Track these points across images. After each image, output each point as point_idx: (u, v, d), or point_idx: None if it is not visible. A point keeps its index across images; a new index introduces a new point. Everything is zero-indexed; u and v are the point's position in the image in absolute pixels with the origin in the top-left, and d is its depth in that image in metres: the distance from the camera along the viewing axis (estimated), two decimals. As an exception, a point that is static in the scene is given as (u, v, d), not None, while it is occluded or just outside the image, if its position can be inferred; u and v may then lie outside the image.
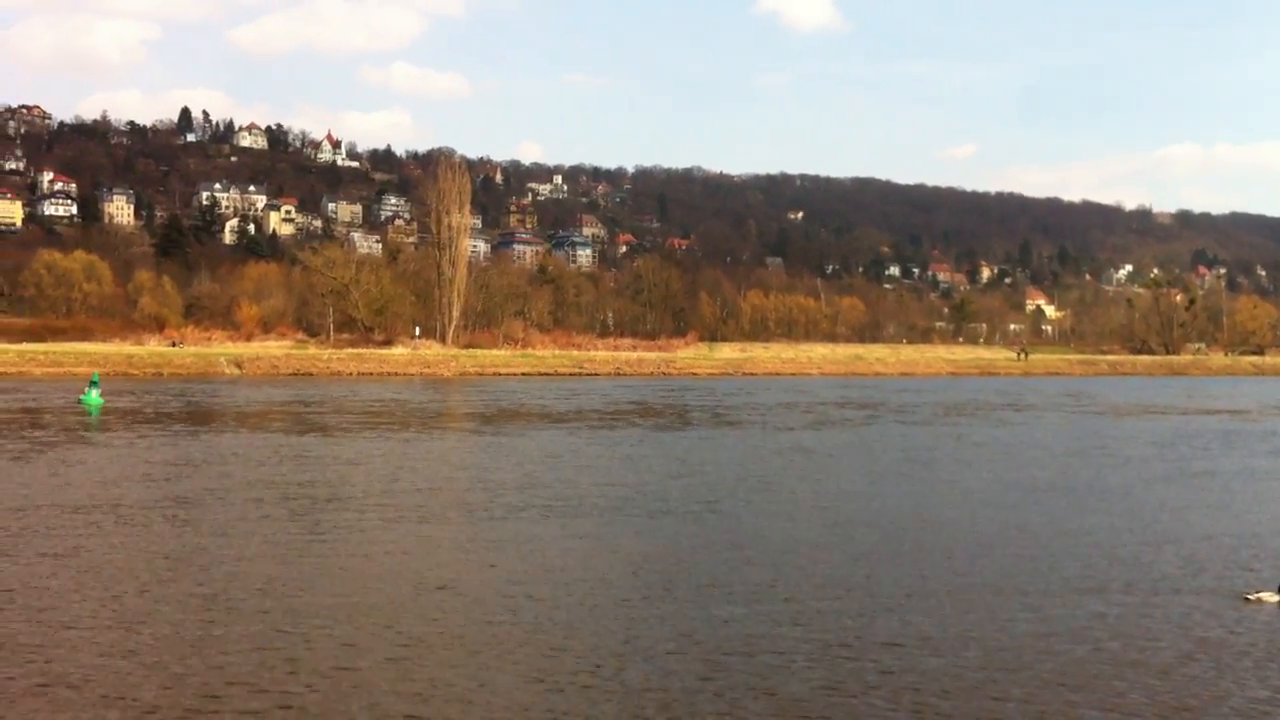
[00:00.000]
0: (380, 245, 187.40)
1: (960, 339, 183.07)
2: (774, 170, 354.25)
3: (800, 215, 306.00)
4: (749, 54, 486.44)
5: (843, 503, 22.67)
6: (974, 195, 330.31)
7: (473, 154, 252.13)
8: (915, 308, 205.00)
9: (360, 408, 49.26)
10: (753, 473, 27.55)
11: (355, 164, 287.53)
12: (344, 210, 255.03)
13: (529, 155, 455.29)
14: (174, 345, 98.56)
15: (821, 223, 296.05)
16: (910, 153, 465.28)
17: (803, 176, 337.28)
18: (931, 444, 36.65)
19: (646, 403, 56.47)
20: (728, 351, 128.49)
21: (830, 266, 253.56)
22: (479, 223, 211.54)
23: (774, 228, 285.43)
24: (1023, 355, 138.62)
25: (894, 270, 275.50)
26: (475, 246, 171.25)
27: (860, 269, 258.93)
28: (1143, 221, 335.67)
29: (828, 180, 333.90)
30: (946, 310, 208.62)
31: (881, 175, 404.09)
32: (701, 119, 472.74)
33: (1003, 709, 10.21)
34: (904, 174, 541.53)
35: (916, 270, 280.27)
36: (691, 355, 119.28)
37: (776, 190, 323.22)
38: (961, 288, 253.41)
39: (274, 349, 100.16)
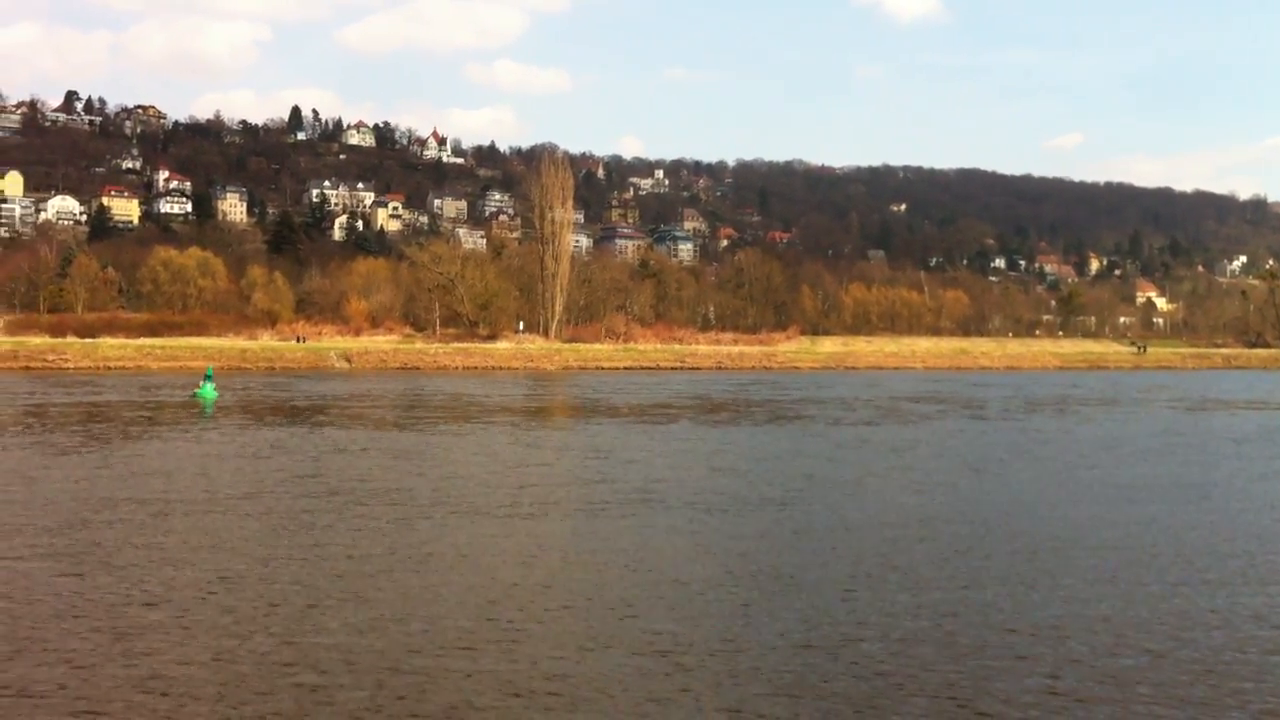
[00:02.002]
0: (484, 241, 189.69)
1: (1067, 332, 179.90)
2: (876, 162, 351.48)
3: (903, 207, 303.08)
4: (850, 45, 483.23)
5: (973, 497, 22.85)
6: (1081, 185, 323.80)
7: (575, 149, 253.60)
8: (1021, 300, 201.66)
9: (466, 402, 50.27)
10: (866, 468, 27.77)
11: (460, 161, 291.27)
12: (449, 206, 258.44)
13: (630, 150, 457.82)
14: (300, 340, 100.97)
15: (925, 215, 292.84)
16: (1015, 143, 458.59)
17: (905, 168, 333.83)
18: (1047, 437, 36.56)
19: (750, 397, 56.79)
20: (829, 345, 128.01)
21: (934, 259, 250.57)
22: (581, 218, 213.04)
23: (876, 220, 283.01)
24: (1141, 349, 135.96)
25: (999, 262, 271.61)
26: (578, 241, 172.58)
27: (965, 261, 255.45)
28: (1257, 212, 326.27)
29: (931, 171, 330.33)
30: (1054, 303, 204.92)
31: (986, 166, 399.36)
32: (802, 111, 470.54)
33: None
34: (1009, 164, 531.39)
35: (1023, 262, 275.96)
36: (793, 349, 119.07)
37: (879, 182, 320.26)
38: (1069, 280, 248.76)
39: (382, 343, 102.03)
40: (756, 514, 19.98)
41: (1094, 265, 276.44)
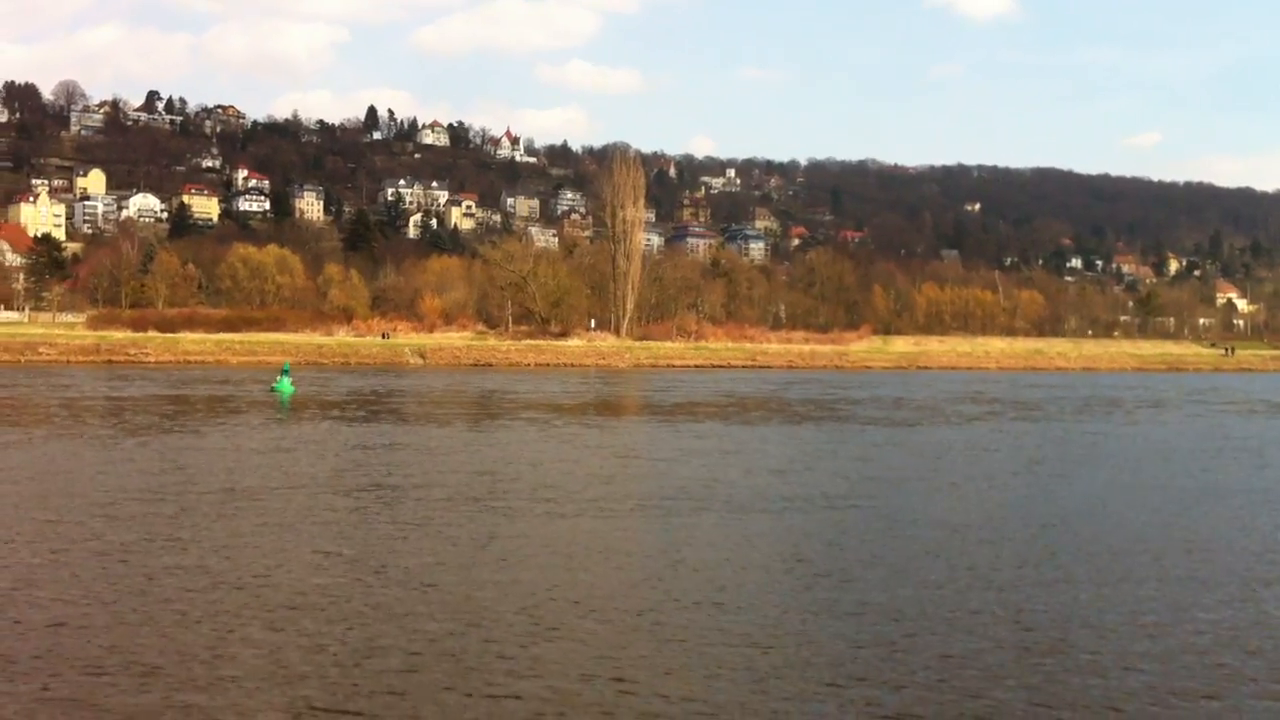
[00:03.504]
0: (556, 239, 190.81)
1: (1146, 334, 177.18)
2: (950, 161, 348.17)
3: (977, 207, 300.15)
4: (923, 45, 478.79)
5: (1051, 499, 22.85)
6: (1160, 185, 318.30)
7: (647, 149, 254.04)
8: (1098, 301, 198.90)
9: (537, 398, 50.67)
10: (935, 467, 27.79)
11: (533, 160, 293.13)
12: (522, 205, 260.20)
13: (702, 149, 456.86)
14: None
15: (999, 214, 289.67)
16: (1092, 141, 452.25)
17: (980, 167, 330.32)
18: (1122, 439, 36.29)
19: (821, 396, 56.72)
20: (902, 345, 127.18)
21: (1008, 259, 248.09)
22: (652, 216, 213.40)
23: (950, 219, 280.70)
24: (1229, 351, 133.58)
25: (1076, 262, 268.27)
26: (649, 240, 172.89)
27: (1040, 261, 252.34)
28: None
29: (1006, 171, 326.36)
30: (1131, 304, 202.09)
31: (1062, 165, 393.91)
32: (875, 111, 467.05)
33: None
34: (1086, 163, 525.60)
35: (1100, 262, 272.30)
36: (865, 349, 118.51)
37: (953, 181, 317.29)
38: (1147, 280, 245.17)
39: (455, 340, 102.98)
40: (834, 513, 20.06)
41: (1173, 266, 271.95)
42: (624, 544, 16.95)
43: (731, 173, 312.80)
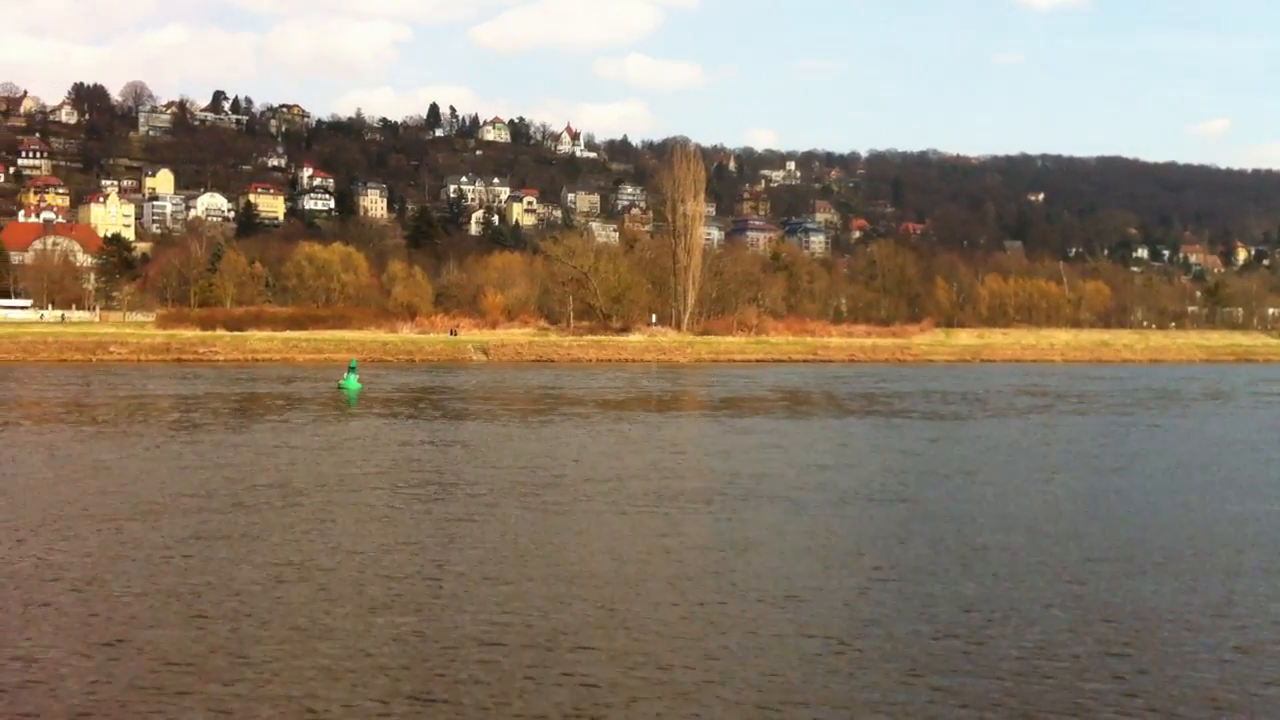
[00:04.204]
0: (617, 234, 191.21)
1: (1214, 325, 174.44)
2: (1013, 151, 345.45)
3: (1041, 197, 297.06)
4: (985, 34, 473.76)
5: (1110, 492, 22.79)
6: (1228, 173, 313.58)
7: (706, 142, 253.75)
8: (1165, 292, 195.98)
9: (598, 394, 51.04)
10: (995, 461, 27.79)
11: (593, 155, 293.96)
12: (582, 200, 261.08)
13: (762, 142, 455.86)
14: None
15: (1064, 204, 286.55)
16: (1158, 129, 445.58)
17: (1044, 156, 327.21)
18: (1185, 431, 36.07)
19: (883, 391, 56.59)
20: (965, 338, 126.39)
21: (1073, 249, 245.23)
22: (713, 210, 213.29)
23: (1013, 210, 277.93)
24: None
25: (1142, 252, 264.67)
26: (709, 234, 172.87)
27: (1105, 251, 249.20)
28: None
29: (1070, 160, 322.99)
30: (1199, 294, 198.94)
31: (1128, 153, 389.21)
32: (937, 101, 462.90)
33: None
34: (1152, 151, 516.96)
35: (1166, 252, 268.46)
36: (927, 342, 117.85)
37: (1016, 171, 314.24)
38: (1215, 270, 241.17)
39: (518, 336, 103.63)
40: (894, 507, 20.19)
41: (1241, 255, 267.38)
42: (685, 538, 17.07)
43: (791, 165, 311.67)
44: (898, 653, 11.25)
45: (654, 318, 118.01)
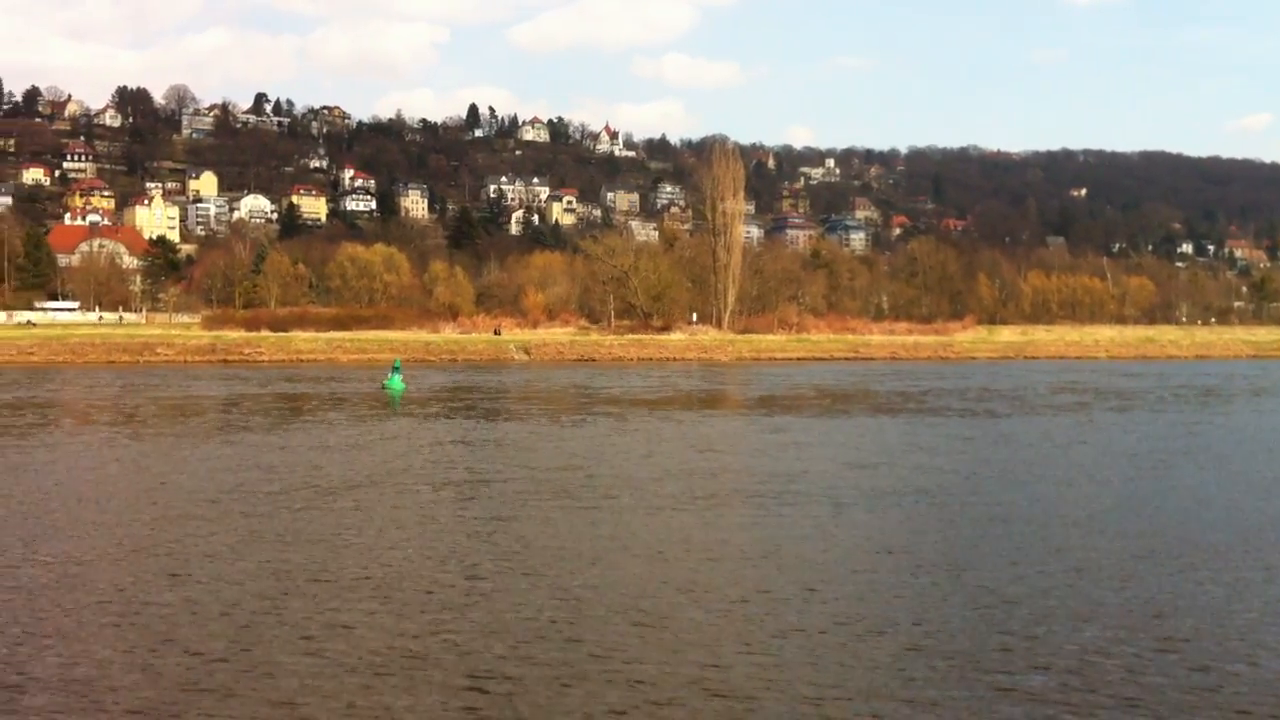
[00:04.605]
0: (657, 233, 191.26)
1: (1261, 319, 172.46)
2: (1055, 146, 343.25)
3: (1083, 192, 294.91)
4: (1025, 29, 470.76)
5: (1153, 492, 22.63)
6: (1273, 166, 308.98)
7: (745, 140, 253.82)
8: (1210, 287, 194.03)
9: (639, 393, 51.14)
10: (1038, 458, 27.64)
11: (632, 154, 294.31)
12: (622, 199, 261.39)
13: (800, 140, 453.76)
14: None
15: (1107, 199, 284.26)
16: (1201, 124, 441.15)
17: (1086, 152, 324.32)
18: (1231, 429, 35.77)
19: (926, 388, 56.37)
20: (1008, 335, 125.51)
21: (1116, 245, 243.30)
22: (752, 208, 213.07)
23: (1055, 205, 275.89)
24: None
25: (1186, 248, 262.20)
26: (749, 232, 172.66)
27: (1149, 247, 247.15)
28: None
29: (1113, 155, 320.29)
30: (1245, 289, 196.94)
31: (1171, 148, 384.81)
32: (977, 97, 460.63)
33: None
34: (1195, 146, 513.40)
35: (1211, 247, 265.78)
36: (970, 339, 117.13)
37: (1058, 167, 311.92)
38: (1261, 265, 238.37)
39: (559, 335, 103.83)
40: (935, 504, 20.17)
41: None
42: (724, 536, 17.12)
43: (831, 163, 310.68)
44: (953, 649, 11.28)
45: (694, 316, 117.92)
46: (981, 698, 9.94)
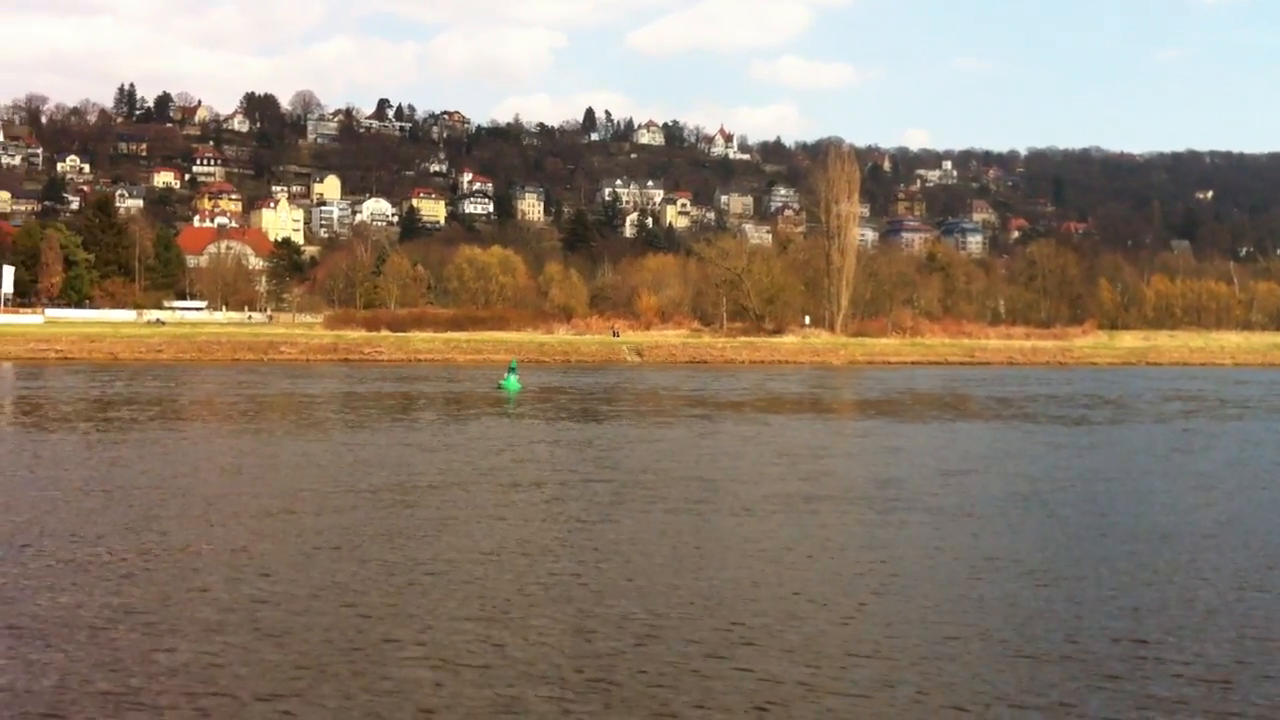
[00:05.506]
0: (770, 236, 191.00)
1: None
2: (1180, 148, 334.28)
3: (1210, 194, 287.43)
4: (1146, 28, 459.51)
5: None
6: None
7: (860, 143, 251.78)
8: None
9: (751, 396, 51.22)
10: (1154, 468, 27.20)
11: (746, 157, 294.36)
12: (735, 202, 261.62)
13: (916, 142, 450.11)
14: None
15: (1234, 202, 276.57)
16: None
17: (1212, 153, 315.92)
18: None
19: (1040, 394, 55.60)
20: (1129, 340, 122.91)
21: (1244, 249, 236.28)
22: (867, 211, 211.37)
23: (1180, 208, 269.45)
24: None
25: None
26: (863, 235, 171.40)
27: (1279, 250, 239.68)
28: None
29: (1240, 156, 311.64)
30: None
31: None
32: (1098, 97, 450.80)
33: None
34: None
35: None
36: (1090, 344, 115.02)
37: (1183, 168, 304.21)
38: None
39: (671, 337, 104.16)
40: (1041, 513, 20.07)
41: None
42: (828, 541, 17.13)
43: (948, 165, 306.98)
44: (1074, 655, 11.27)
45: (807, 319, 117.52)
46: (1109, 705, 9.97)
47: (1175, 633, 12.13)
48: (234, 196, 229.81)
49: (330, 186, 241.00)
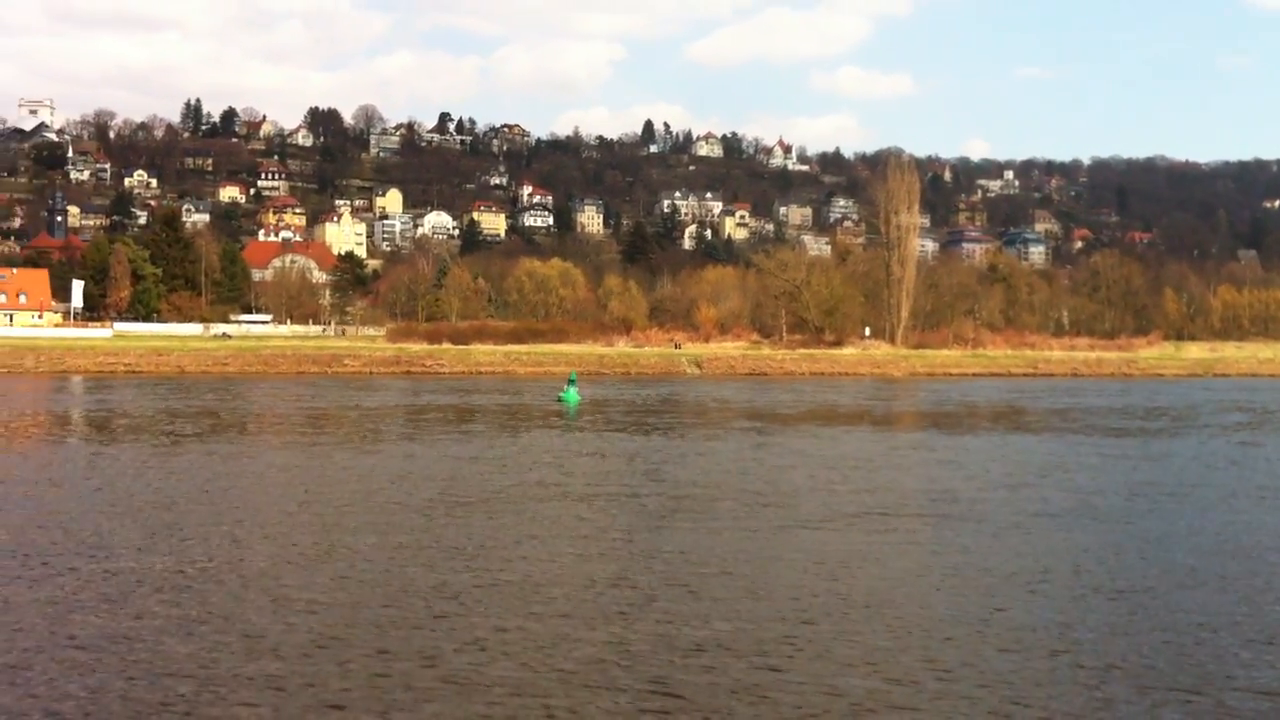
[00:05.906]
0: (829, 247, 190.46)
1: None
2: (1246, 156, 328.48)
3: (1277, 204, 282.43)
4: (1209, 36, 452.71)
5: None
6: None
7: (920, 153, 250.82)
8: None
9: (812, 408, 51.16)
10: (1212, 480, 26.98)
11: (805, 168, 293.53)
12: (794, 213, 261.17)
13: (977, 151, 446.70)
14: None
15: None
16: None
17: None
18: None
19: (1106, 405, 55.00)
20: (1196, 351, 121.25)
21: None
22: (927, 221, 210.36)
23: (1247, 217, 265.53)
24: None
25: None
26: (923, 246, 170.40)
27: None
28: None
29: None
30: None
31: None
32: (1162, 106, 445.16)
33: None
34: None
35: None
36: (1155, 355, 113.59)
37: (1250, 177, 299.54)
38: None
39: (730, 349, 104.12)
40: (1102, 526, 19.91)
41: None
42: (890, 554, 17.13)
43: (1009, 174, 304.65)
44: (1137, 668, 11.25)
45: (867, 331, 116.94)
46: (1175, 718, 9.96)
47: (1248, 646, 12.04)
48: (298, 210, 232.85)
49: (392, 200, 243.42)
